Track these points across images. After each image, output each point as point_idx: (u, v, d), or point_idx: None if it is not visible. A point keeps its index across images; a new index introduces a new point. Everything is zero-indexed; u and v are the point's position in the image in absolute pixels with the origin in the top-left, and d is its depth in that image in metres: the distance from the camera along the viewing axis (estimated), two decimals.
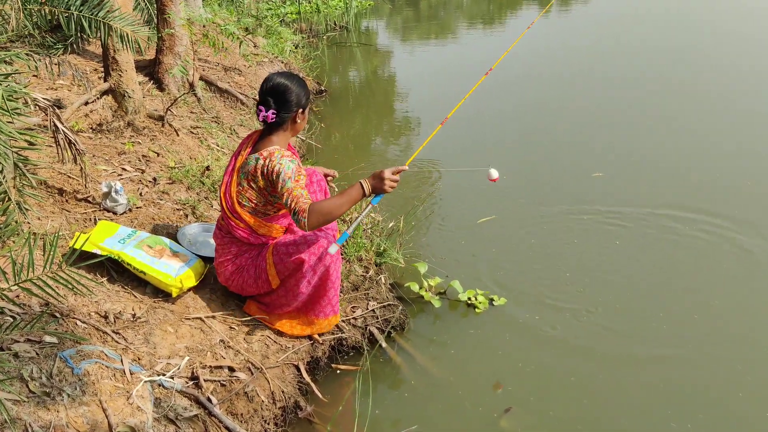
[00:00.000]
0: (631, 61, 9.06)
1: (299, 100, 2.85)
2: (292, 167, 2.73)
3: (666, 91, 7.58)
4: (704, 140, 5.98)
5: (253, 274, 2.96)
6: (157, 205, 3.63)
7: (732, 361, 3.23)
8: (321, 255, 2.89)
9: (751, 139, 5.92)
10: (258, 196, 2.86)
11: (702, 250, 4.16)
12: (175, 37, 5.33)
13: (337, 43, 10.96)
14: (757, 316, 3.55)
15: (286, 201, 2.69)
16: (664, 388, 3.07)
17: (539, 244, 4.32)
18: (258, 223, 2.90)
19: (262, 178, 2.79)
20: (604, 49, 9.92)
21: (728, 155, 5.59)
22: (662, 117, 6.65)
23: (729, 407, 2.96)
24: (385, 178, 2.80)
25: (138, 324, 2.76)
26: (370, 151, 6.27)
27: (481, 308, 3.61)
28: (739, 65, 8.53)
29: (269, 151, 2.80)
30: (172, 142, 4.44)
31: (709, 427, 2.86)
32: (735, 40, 10.08)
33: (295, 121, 2.89)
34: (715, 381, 3.12)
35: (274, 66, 7.28)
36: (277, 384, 2.81)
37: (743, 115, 6.54)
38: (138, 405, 2.39)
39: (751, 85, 7.65)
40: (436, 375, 3.15)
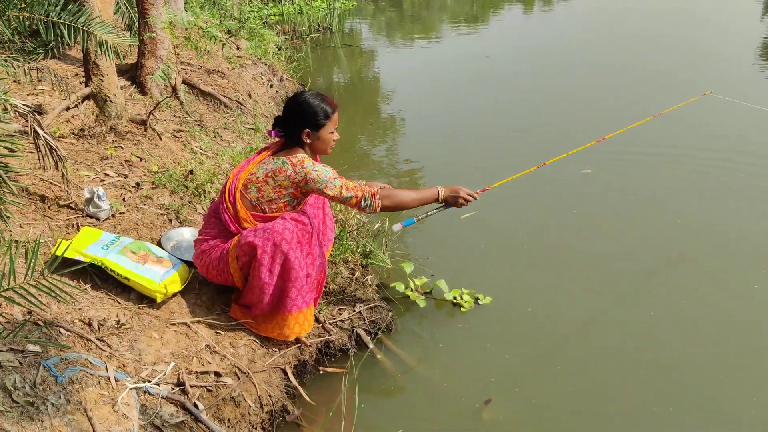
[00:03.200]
0: (615, 52, 9.14)
1: (305, 120, 2.88)
2: (329, 169, 2.89)
3: (658, 84, 7.66)
4: (694, 128, 6.04)
5: (217, 256, 2.96)
6: (140, 211, 3.60)
7: (712, 347, 3.30)
8: (276, 241, 2.81)
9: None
10: (270, 192, 2.88)
11: (687, 243, 4.19)
12: (157, 40, 5.30)
13: (320, 45, 10.95)
14: (738, 304, 3.60)
15: (346, 197, 2.88)
16: (646, 374, 3.13)
17: (522, 240, 4.33)
18: (246, 216, 2.90)
19: (287, 180, 2.85)
20: (588, 43, 9.99)
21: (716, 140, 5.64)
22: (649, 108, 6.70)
23: (709, 391, 3.02)
24: (461, 195, 3.15)
25: (123, 331, 2.74)
26: (356, 151, 6.26)
27: (467, 307, 3.62)
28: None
29: (298, 158, 2.88)
30: (155, 146, 4.41)
31: (690, 411, 2.91)
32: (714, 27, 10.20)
33: (303, 141, 2.91)
34: (695, 366, 3.18)
35: (258, 68, 7.26)
36: (264, 388, 2.79)
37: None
38: (124, 413, 2.37)
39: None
40: (423, 374, 3.15)
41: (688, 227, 4.41)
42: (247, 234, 2.88)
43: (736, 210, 4.64)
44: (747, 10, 12.59)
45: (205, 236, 3.04)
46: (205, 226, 3.07)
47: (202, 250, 3.02)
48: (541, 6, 14.60)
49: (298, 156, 2.89)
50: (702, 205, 4.75)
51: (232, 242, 2.92)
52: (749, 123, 6.24)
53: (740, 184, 5.02)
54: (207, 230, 3.04)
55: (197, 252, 3.07)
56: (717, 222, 4.48)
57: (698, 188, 5.02)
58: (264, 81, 7.19)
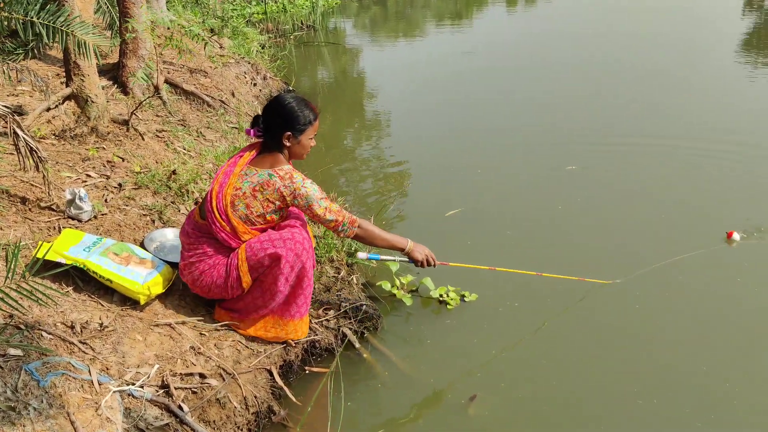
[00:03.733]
0: (598, 49, 9.19)
1: (287, 123, 2.85)
2: (316, 187, 2.90)
3: (641, 76, 7.72)
4: (675, 122, 6.09)
5: (224, 273, 2.91)
6: (123, 212, 3.57)
7: (696, 340, 3.33)
8: (298, 251, 2.87)
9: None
10: (259, 206, 2.84)
11: (676, 236, 4.22)
12: (138, 40, 5.25)
13: (304, 43, 10.91)
14: (724, 298, 3.63)
15: (329, 218, 2.92)
16: (632, 367, 3.16)
17: (509, 236, 4.34)
18: (245, 229, 2.87)
19: (275, 194, 2.83)
20: (572, 39, 10.03)
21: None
22: (631, 101, 6.76)
23: (693, 383, 3.05)
24: (427, 254, 3.28)
25: (106, 333, 2.71)
26: (342, 149, 6.25)
27: (453, 304, 3.62)
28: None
29: (285, 171, 2.85)
30: (138, 146, 4.38)
31: (675, 403, 2.93)
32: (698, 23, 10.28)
33: (283, 144, 2.88)
34: (678, 358, 3.21)
35: (241, 67, 7.22)
36: (249, 389, 2.78)
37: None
38: (107, 416, 2.35)
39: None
40: (409, 372, 3.15)
41: (677, 220, 4.43)
42: (263, 244, 2.85)
43: (727, 199, 4.69)
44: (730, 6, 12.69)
45: (199, 257, 2.93)
46: (192, 246, 2.94)
47: (201, 271, 2.92)
48: (524, 4, 14.64)
49: (284, 168, 2.86)
50: (691, 196, 4.78)
51: (239, 255, 2.88)
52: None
53: (726, 173, 5.07)
54: (198, 249, 2.93)
55: (194, 274, 2.94)
56: (706, 213, 4.52)
57: (685, 180, 5.06)
58: (247, 80, 7.16)
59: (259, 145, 2.98)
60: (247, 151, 2.97)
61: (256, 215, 2.86)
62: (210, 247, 2.92)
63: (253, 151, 2.96)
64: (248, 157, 2.93)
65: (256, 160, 2.92)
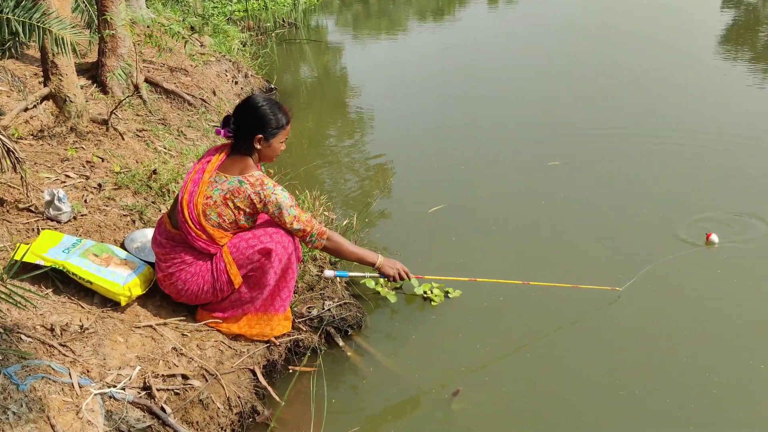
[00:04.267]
0: (580, 44, 9.23)
1: (259, 126, 2.81)
2: (287, 195, 2.85)
3: (622, 71, 7.76)
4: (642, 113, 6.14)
5: (210, 278, 2.89)
6: (102, 212, 3.53)
7: (675, 328, 3.37)
8: (285, 243, 2.87)
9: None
10: (230, 215, 2.81)
11: (660, 229, 4.25)
12: (117, 38, 5.19)
13: (286, 41, 10.87)
14: (718, 291, 3.67)
15: (296, 227, 2.87)
16: (616, 360, 3.19)
17: (494, 232, 4.36)
18: (221, 234, 2.85)
19: (246, 201, 2.79)
20: (553, 35, 10.07)
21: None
22: (612, 95, 6.80)
23: (673, 371, 3.08)
24: (399, 268, 3.17)
25: (86, 335, 2.68)
26: (325, 147, 6.23)
27: (437, 301, 3.62)
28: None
29: (256, 177, 2.80)
30: (118, 146, 4.33)
31: (657, 393, 2.96)
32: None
33: (253, 146, 2.84)
34: (659, 349, 3.24)
35: (222, 65, 7.18)
36: (232, 389, 2.76)
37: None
38: (88, 419, 2.32)
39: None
40: (393, 369, 3.15)
41: (662, 212, 4.46)
42: (249, 242, 2.83)
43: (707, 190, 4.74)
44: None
45: (178, 266, 2.87)
46: (169, 257, 2.88)
47: (185, 280, 2.87)
48: (505, 1, 14.67)
49: (255, 174, 2.81)
50: (676, 187, 4.82)
51: (225, 259, 2.85)
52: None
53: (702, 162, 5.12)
54: (174, 259, 2.87)
55: (177, 285, 2.90)
56: (689, 204, 4.56)
57: (667, 171, 5.10)
58: (228, 78, 7.12)
59: (227, 147, 2.92)
60: (214, 155, 2.89)
61: (229, 222, 2.83)
62: (188, 255, 2.88)
63: (222, 155, 2.88)
64: (216, 162, 2.85)
65: (225, 164, 2.85)
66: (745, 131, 5.84)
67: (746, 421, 2.80)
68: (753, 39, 9.92)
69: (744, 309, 3.49)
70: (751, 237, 4.11)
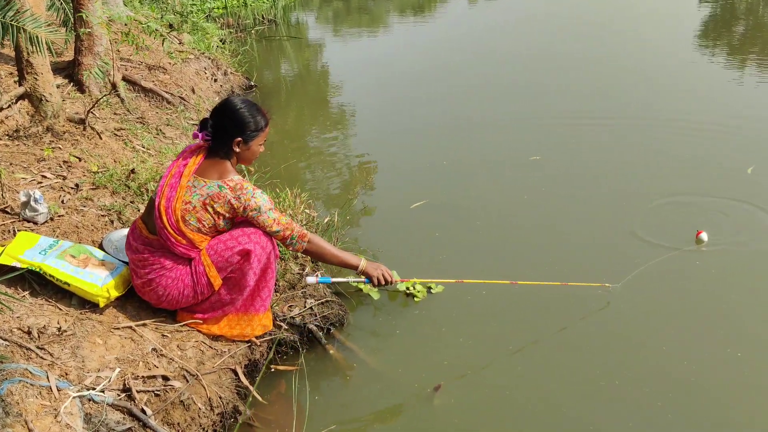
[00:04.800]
0: (561, 40, 9.27)
1: (238, 129, 2.78)
2: (266, 198, 2.84)
3: (604, 65, 7.80)
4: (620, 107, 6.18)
5: (190, 282, 2.86)
6: (80, 213, 3.49)
7: (655, 320, 3.40)
8: (263, 244, 2.85)
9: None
10: (210, 219, 2.78)
11: (640, 223, 4.27)
12: (94, 36, 5.13)
13: (266, 38, 10.81)
14: (705, 284, 3.69)
15: (275, 230, 2.85)
16: (599, 352, 3.21)
17: (479, 226, 4.37)
18: (201, 238, 2.82)
19: (226, 206, 2.76)
20: (534, 31, 10.11)
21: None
22: (594, 89, 6.84)
23: (652, 361, 3.12)
24: (383, 271, 3.14)
25: (64, 338, 2.65)
26: (307, 145, 6.21)
27: (420, 296, 3.62)
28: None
29: (236, 182, 2.78)
30: (95, 145, 4.28)
31: (636, 381, 2.99)
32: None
33: (232, 149, 2.81)
34: (637, 339, 3.27)
35: (201, 63, 7.12)
36: (214, 390, 2.74)
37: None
38: (67, 422, 2.29)
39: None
40: (376, 366, 3.15)
41: (639, 207, 4.50)
42: (227, 243, 2.81)
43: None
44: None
45: (157, 272, 2.83)
46: (147, 263, 2.84)
47: (165, 285, 2.84)
48: None
49: (234, 179, 2.79)
50: (655, 183, 4.85)
51: (204, 261, 2.82)
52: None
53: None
54: (153, 265, 2.84)
55: (156, 293, 2.87)
56: (667, 194, 4.61)
57: (648, 167, 5.13)
58: (208, 75, 7.07)
59: (204, 149, 2.87)
60: (190, 158, 2.84)
61: (208, 227, 2.81)
62: (168, 260, 2.84)
63: (199, 157, 2.84)
64: (193, 166, 2.81)
65: (203, 168, 2.81)
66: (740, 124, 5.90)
67: (742, 422, 2.79)
68: (729, 34, 10.03)
69: (737, 308, 3.48)
70: (745, 230, 4.14)
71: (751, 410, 2.83)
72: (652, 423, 2.77)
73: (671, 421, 2.77)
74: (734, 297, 3.56)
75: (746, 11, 11.48)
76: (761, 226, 4.16)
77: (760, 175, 4.84)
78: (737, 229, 4.15)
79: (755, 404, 2.86)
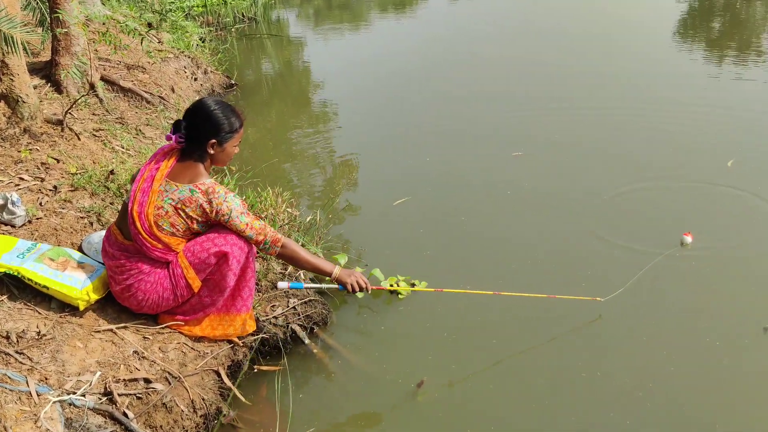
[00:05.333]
0: (542, 37, 9.29)
1: (212, 130, 2.74)
2: (239, 202, 2.80)
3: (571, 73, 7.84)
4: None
5: (169, 285, 2.84)
6: (59, 215, 3.45)
7: (633, 307, 3.45)
8: (241, 244, 2.82)
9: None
10: (183, 223, 2.76)
11: (620, 218, 4.30)
12: (71, 36, 5.07)
13: (246, 36, 10.74)
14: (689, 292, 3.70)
15: (248, 234, 2.82)
16: (581, 346, 3.25)
17: (460, 221, 4.38)
18: (177, 241, 2.80)
19: (198, 210, 2.74)
20: (514, 30, 10.14)
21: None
22: (572, 97, 6.86)
23: (635, 354, 3.17)
24: (357, 278, 3.07)
25: (44, 342, 2.62)
26: (290, 143, 6.17)
27: (404, 293, 3.62)
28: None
29: (207, 185, 2.74)
30: (74, 146, 4.24)
31: (618, 374, 3.04)
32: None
33: (207, 151, 2.78)
34: (612, 328, 3.35)
35: (181, 62, 7.06)
36: (196, 392, 2.73)
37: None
38: (47, 428, 2.27)
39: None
40: (359, 364, 3.16)
41: (621, 203, 4.53)
42: (203, 245, 2.78)
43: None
44: None
45: (136, 277, 2.80)
46: (124, 268, 2.80)
47: (144, 290, 2.81)
48: None
49: (206, 182, 2.75)
50: (634, 178, 4.89)
51: (181, 264, 2.80)
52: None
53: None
54: (131, 270, 2.80)
55: (135, 298, 2.84)
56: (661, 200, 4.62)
57: (628, 162, 5.17)
58: (188, 74, 7.01)
59: (176, 152, 2.84)
60: (162, 161, 2.80)
61: (183, 230, 2.78)
62: (145, 265, 2.81)
63: (171, 160, 2.80)
64: (165, 170, 2.78)
65: (175, 171, 2.78)
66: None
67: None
68: (707, 27, 10.11)
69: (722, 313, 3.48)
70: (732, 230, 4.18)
71: (743, 420, 2.82)
72: (637, 418, 2.79)
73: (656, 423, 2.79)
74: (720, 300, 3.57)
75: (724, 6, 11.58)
76: (747, 225, 4.20)
77: (740, 168, 4.89)
78: (724, 229, 4.19)
79: (745, 413, 2.84)
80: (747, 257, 3.87)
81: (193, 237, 2.84)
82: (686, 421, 2.80)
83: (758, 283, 3.65)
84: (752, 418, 2.81)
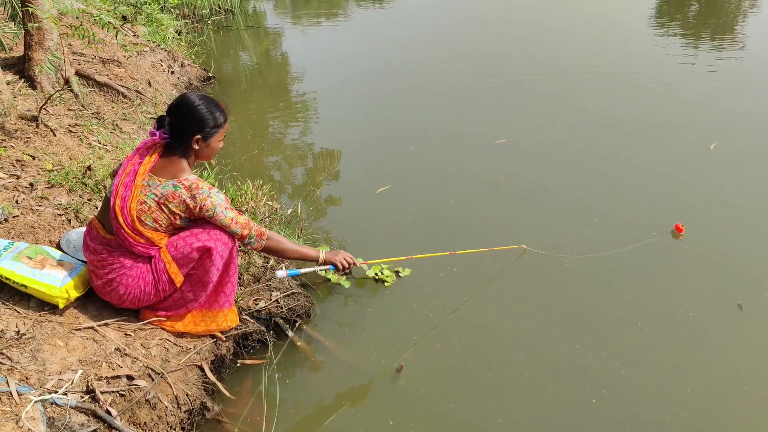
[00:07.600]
0: (525, 29, 9.30)
1: (197, 126, 2.71)
2: (222, 197, 2.77)
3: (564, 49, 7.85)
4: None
5: (152, 280, 2.81)
6: (36, 212, 3.40)
7: (619, 294, 3.50)
8: (224, 240, 2.80)
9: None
10: (166, 218, 2.72)
11: (604, 207, 4.33)
12: (44, 31, 4.99)
13: (223, 28, 10.66)
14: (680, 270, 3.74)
15: (233, 230, 2.80)
16: (556, 319, 3.33)
17: (449, 205, 4.39)
18: (160, 236, 2.76)
19: (181, 206, 2.70)
20: (494, 20, 10.13)
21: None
22: (558, 71, 6.89)
23: (612, 327, 3.25)
24: (342, 255, 3.11)
25: (23, 341, 2.59)
26: (269, 135, 6.14)
27: (390, 281, 3.63)
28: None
29: (191, 181, 2.71)
30: (49, 143, 4.18)
31: (595, 346, 3.12)
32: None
33: (191, 147, 2.74)
34: (596, 312, 3.38)
35: (157, 55, 6.98)
36: (180, 387, 2.71)
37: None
38: (29, 427, 2.24)
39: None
40: (343, 354, 3.16)
41: (607, 189, 4.56)
42: (186, 240, 2.75)
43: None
44: None
45: (117, 272, 2.78)
46: (106, 263, 2.78)
47: (126, 285, 2.79)
48: None
49: (189, 178, 2.72)
50: (616, 169, 4.91)
51: (164, 258, 2.77)
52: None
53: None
54: (112, 265, 2.77)
55: (119, 291, 2.81)
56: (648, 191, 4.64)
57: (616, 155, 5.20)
58: (164, 68, 6.93)
59: (160, 146, 2.80)
60: (146, 155, 2.77)
61: (165, 226, 2.75)
62: (128, 259, 2.78)
63: (154, 155, 2.76)
64: (148, 165, 2.74)
65: (158, 166, 2.74)
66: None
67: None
68: (683, 15, 10.17)
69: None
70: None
71: (706, 378, 2.93)
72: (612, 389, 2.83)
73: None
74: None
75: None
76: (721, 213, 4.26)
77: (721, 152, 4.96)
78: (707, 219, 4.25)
79: (705, 370, 2.98)
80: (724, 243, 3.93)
81: (176, 232, 2.81)
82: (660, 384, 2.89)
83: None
84: (718, 378, 2.95)
